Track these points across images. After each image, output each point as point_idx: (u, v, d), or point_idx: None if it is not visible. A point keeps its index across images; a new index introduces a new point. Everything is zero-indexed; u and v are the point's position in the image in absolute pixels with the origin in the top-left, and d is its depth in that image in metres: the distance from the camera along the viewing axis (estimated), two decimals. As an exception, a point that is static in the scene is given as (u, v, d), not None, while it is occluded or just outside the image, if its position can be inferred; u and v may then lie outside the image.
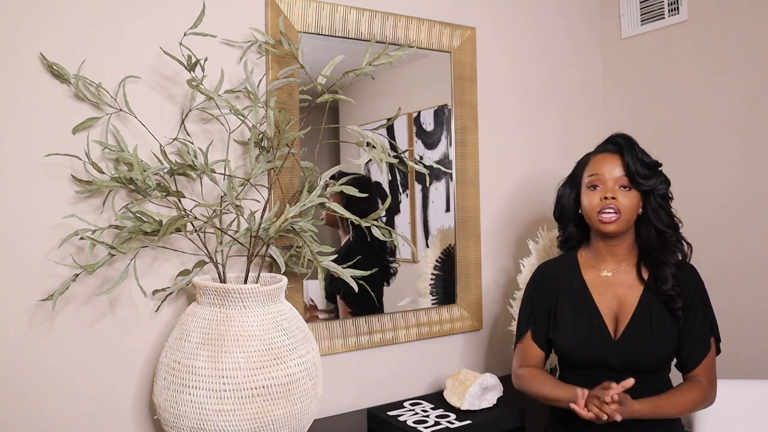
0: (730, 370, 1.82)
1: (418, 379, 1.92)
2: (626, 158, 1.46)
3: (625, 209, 1.45)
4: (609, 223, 1.45)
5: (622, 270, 1.52)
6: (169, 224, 1.25)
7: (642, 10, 2.19)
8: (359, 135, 1.45)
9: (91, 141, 1.39)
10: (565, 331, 1.50)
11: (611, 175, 1.47)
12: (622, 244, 1.51)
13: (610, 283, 1.51)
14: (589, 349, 1.46)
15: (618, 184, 1.46)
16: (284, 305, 1.40)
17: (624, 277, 1.51)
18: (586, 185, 1.51)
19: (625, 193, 1.46)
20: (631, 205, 1.46)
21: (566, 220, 1.61)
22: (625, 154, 1.47)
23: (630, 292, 1.49)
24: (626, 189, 1.46)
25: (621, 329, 1.45)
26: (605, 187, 1.47)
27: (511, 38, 2.13)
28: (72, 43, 1.39)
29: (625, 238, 1.51)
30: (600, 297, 1.50)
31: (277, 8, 1.62)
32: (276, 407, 1.28)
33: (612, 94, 2.34)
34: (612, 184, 1.47)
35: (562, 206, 1.61)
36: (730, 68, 1.96)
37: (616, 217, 1.45)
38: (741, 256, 1.93)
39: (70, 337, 1.40)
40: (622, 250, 1.52)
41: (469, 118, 1.98)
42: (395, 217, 1.88)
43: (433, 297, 1.94)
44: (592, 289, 1.52)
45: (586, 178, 1.51)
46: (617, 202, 1.45)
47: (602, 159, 1.50)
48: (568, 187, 1.60)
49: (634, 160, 1.45)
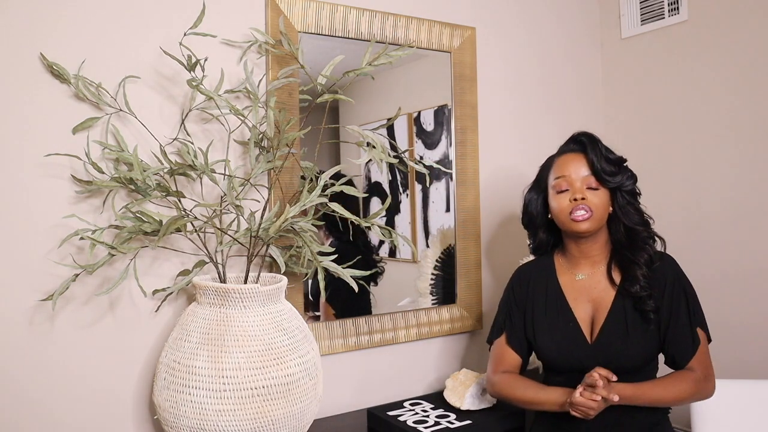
0: (730, 370, 1.82)
1: (418, 379, 1.92)
2: (590, 156, 1.43)
3: (596, 207, 1.42)
4: (582, 221, 1.42)
5: (597, 272, 1.49)
6: (169, 224, 1.25)
7: (642, 10, 2.19)
8: (359, 135, 1.45)
9: (91, 141, 1.39)
10: (542, 337, 1.49)
11: (578, 176, 1.44)
12: (596, 244, 1.48)
13: (585, 287, 1.48)
14: (565, 354, 1.44)
15: (585, 184, 1.44)
16: (284, 305, 1.40)
17: (599, 279, 1.48)
18: (554, 188, 1.47)
19: (593, 192, 1.43)
20: (600, 203, 1.43)
21: (536, 226, 1.57)
22: (589, 152, 1.44)
23: (605, 294, 1.46)
24: (594, 189, 1.44)
25: (596, 333, 1.43)
26: (573, 188, 1.44)
27: (511, 38, 2.13)
28: (72, 43, 1.39)
29: (598, 238, 1.48)
30: (575, 302, 1.48)
31: (277, 8, 1.62)
32: (276, 407, 1.28)
33: (612, 94, 2.34)
34: (579, 185, 1.44)
35: (530, 213, 1.57)
36: (730, 68, 1.96)
37: (589, 215, 1.42)
38: (741, 255, 1.93)
39: (70, 337, 1.40)
40: (595, 251, 1.49)
41: (469, 118, 1.98)
42: (395, 217, 1.88)
43: (433, 297, 1.94)
44: (567, 293, 1.50)
45: (553, 180, 1.48)
46: (587, 201, 1.42)
47: (566, 160, 1.47)
48: (534, 193, 1.56)
49: (598, 157, 1.43)
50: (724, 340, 1.54)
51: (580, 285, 1.49)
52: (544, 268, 1.56)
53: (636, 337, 1.39)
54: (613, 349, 1.39)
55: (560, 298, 1.50)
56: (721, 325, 1.53)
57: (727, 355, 1.81)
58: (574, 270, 1.52)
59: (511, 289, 1.59)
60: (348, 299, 1.73)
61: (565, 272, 1.53)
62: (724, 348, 1.55)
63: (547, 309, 1.50)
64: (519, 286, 1.57)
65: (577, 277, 1.50)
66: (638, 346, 1.39)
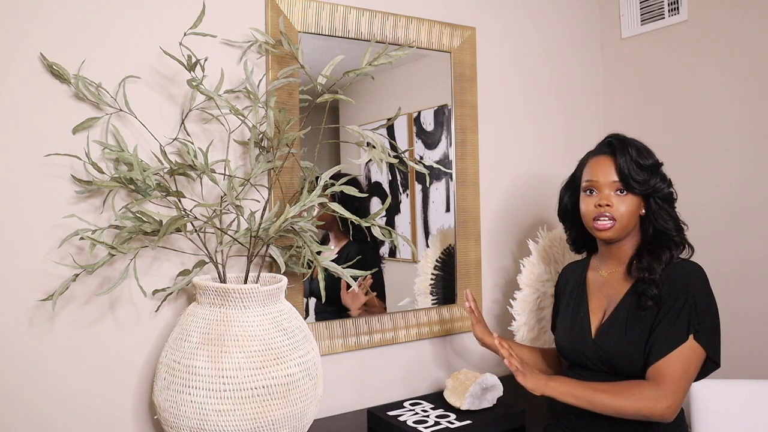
0: (730, 370, 1.82)
1: (418, 379, 1.92)
2: (619, 161, 1.40)
3: (620, 216, 1.40)
4: (604, 231, 1.41)
5: (619, 270, 1.47)
6: (169, 224, 1.25)
7: (642, 10, 2.19)
8: (359, 135, 1.45)
9: (91, 141, 1.39)
10: (559, 326, 1.54)
11: (606, 180, 1.41)
12: (624, 246, 1.46)
13: (605, 283, 1.49)
14: (571, 345, 1.46)
15: (613, 189, 1.41)
16: (284, 305, 1.40)
17: (618, 277, 1.47)
18: (583, 189, 1.47)
19: (621, 198, 1.40)
20: (627, 210, 1.40)
21: (569, 222, 1.60)
22: (618, 157, 1.41)
23: (619, 290, 1.44)
24: (622, 193, 1.41)
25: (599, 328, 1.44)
26: (600, 192, 1.42)
27: (511, 38, 2.13)
28: (72, 43, 1.39)
29: (628, 240, 1.45)
30: (593, 295, 1.49)
31: (277, 8, 1.62)
32: (276, 407, 1.28)
33: (612, 94, 2.34)
34: (607, 190, 1.41)
35: (564, 209, 1.59)
36: (730, 68, 1.96)
37: (611, 224, 1.40)
38: (742, 256, 1.93)
39: (70, 337, 1.40)
40: (623, 253, 1.46)
41: (469, 118, 1.98)
42: (395, 217, 1.88)
43: (433, 297, 1.94)
44: (589, 288, 1.52)
45: (583, 182, 1.47)
46: (612, 209, 1.40)
47: (597, 162, 1.45)
48: (569, 189, 1.57)
49: (627, 162, 1.39)
50: (724, 340, 1.53)
51: (601, 281, 1.50)
52: (581, 266, 1.60)
53: (632, 339, 1.36)
54: (610, 347, 1.38)
55: (582, 292, 1.52)
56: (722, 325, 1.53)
57: (726, 355, 1.81)
58: (601, 267, 1.52)
59: (556, 283, 1.66)
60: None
61: (594, 269, 1.55)
62: (724, 348, 1.55)
63: (570, 300, 1.54)
64: (559, 280, 1.65)
65: (600, 273, 1.51)
66: (634, 347, 1.35)
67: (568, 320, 1.51)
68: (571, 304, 1.53)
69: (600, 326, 1.43)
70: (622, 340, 1.37)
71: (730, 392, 1.60)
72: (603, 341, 1.40)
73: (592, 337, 1.43)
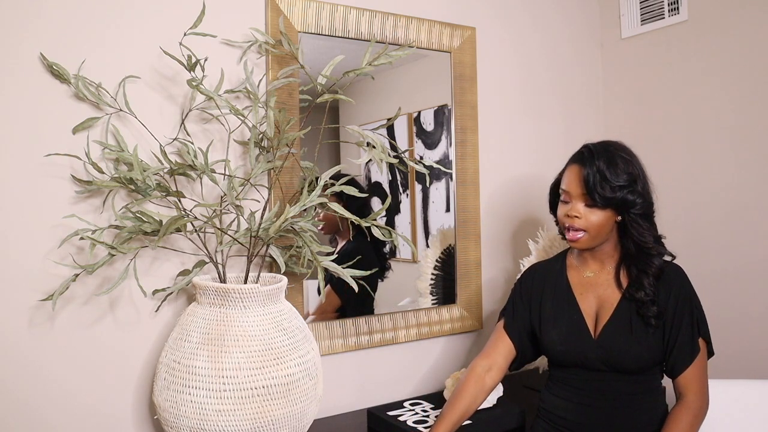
0: (730, 370, 1.82)
1: (418, 379, 1.92)
2: (584, 172, 1.37)
3: (590, 226, 1.39)
4: (574, 242, 1.42)
5: (605, 271, 1.49)
6: (169, 224, 1.25)
7: (642, 10, 2.19)
8: (359, 135, 1.45)
9: (91, 141, 1.39)
10: (547, 327, 1.49)
11: (575, 192, 1.40)
12: (603, 248, 1.47)
13: (592, 284, 1.49)
14: (569, 348, 1.44)
15: (581, 201, 1.40)
16: (284, 305, 1.40)
17: (606, 278, 1.48)
18: (559, 196, 1.47)
19: (590, 210, 1.39)
20: (598, 221, 1.38)
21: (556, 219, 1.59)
22: (585, 168, 1.38)
23: (611, 293, 1.45)
24: (590, 206, 1.39)
25: (600, 329, 1.43)
26: (571, 202, 1.42)
27: (511, 38, 2.13)
28: (72, 43, 1.39)
29: (607, 243, 1.46)
30: (581, 296, 1.49)
31: (277, 8, 1.62)
32: (276, 407, 1.28)
33: (612, 94, 2.34)
34: (576, 201, 1.40)
35: (552, 206, 1.57)
36: (729, 68, 1.96)
37: (582, 236, 1.40)
38: (741, 256, 1.93)
39: (70, 337, 1.40)
40: (603, 254, 1.48)
41: (469, 118, 1.98)
42: (395, 217, 1.89)
43: (433, 297, 1.94)
44: (574, 288, 1.50)
45: (560, 188, 1.47)
46: (581, 221, 1.39)
47: (570, 171, 1.43)
48: (552, 192, 1.56)
49: (594, 175, 1.36)
50: (723, 339, 1.54)
51: (587, 281, 1.50)
52: (556, 266, 1.57)
53: (639, 338, 1.39)
54: (616, 347, 1.39)
55: (568, 292, 1.51)
56: (719, 325, 1.53)
57: (726, 354, 1.81)
58: (583, 268, 1.52)
59: (520, 283, 1.59)
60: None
61: (575, 270, 1.53)
62: (723, 348, 1.55)
63: (554, 302, 1.51)
64: (528, 280, 1.58)
65: (585, 275, 1.51)
66: (641, 347, 1.38)
67: (561, 323, 1.47)
68: (556, 304, 1.50)
69: (603, 328, 1.43)
70: (630, 340, 1.39)
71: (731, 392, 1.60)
72: (609, 342, 1.41)
73: (593, 338, 1.43)
